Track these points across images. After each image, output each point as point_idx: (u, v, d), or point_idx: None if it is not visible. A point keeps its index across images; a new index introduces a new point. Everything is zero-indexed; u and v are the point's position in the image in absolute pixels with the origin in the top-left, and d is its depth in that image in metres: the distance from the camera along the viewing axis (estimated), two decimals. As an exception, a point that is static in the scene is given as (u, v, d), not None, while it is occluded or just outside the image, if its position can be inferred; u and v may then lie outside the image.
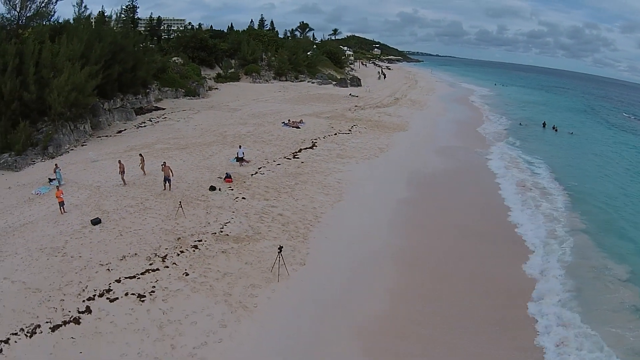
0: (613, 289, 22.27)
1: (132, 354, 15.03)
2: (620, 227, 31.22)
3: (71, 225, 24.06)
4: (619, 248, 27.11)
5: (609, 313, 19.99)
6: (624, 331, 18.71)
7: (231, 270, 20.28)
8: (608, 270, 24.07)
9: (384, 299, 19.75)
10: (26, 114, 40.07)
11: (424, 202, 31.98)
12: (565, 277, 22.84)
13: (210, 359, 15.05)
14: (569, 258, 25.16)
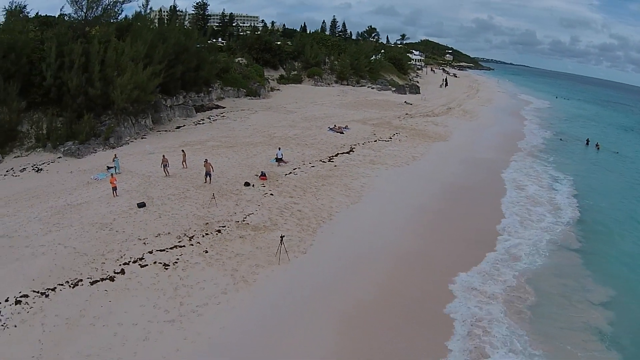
0: (580, 308, 23.58)
1: (149, 305, 19.44)
2: (618, 253, 31.79)
3: (120, 207, 29.08)
4: (607, 273, 28.01)
5: (565, 330, 21.44)
6: (575, 349, 20.12)
7: (243, 252, 24.42)
8: (585, 292, 25.31)
9: (370, 290, 22.82)
10: (91, 107, 45.89)
11: (434, 210, 34.26)
12: (526, 289, 24.72)
13: (206, 315, 19.19)
14: (541, 271, 27.03)
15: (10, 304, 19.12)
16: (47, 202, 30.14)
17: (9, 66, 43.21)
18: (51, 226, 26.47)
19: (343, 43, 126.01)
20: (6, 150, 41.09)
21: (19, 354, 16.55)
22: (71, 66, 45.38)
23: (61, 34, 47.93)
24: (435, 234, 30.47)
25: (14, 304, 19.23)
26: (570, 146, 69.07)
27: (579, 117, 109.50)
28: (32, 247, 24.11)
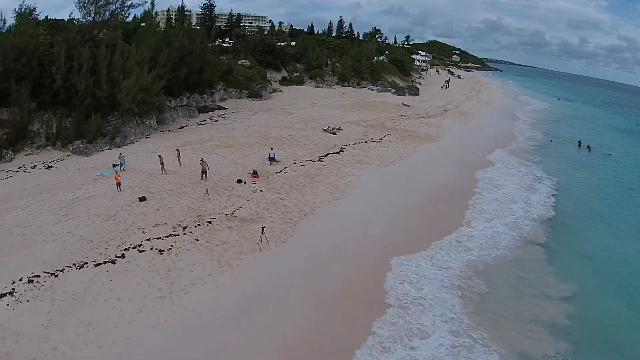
0: (532, 301, 25.30)
1: (144, 284, 22.47)
2: (585, 252, 33.29)
3: (123, 201, 32.20)
4: (571, 270, 29.64)
5: (511, 320, 23.33)
6: (521, 337, 21.94)
7: (229, 241, 27.40)
8: (544, 286, 26.96)
9: (340, 279, 25.53)
10: (98, 108, 48.90)
11: (409, 206, 36.71)
12: (476, 279, 27.02)
13: (193, 292, 22.22)
14: (496, 263, 29.37)
15: (24, 283, 22.13)
16: (56, 196, 33.16)
17: (20, 69, 46.18)
18: (60, 217, 29.49)
19: (345, 45, 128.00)
20: (18, 148, 44.03)
21: (31, 323, 19.47)
22: (80, 69, 48.33)
23: (70, 38, 50.68)
24: (403, 228, 32.92)
25: (27, 282, 22.24)
26: (561, 148, 70.86)
27: (576, 119, 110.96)
28: (43, 235, 27.13)
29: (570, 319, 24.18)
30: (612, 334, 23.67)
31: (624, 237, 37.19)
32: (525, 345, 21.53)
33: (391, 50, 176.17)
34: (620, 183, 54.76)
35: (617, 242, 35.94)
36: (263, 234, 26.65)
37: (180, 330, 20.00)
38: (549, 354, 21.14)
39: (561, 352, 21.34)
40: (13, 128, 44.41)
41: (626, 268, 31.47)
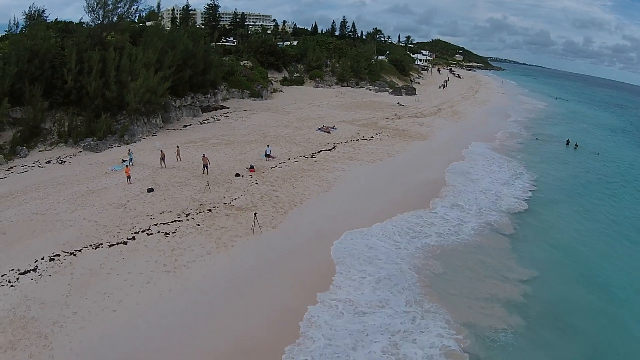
0: (491, 282, 28.28)
1: (152, 261, 26.08)
2: (552, 242, 35.99)
3: (133, 192, 35.87)
4: (534, 257, 32.47)
5: (465, 297, 26.47)
6: (474, 311, 24.96)
7: (226, 226, 31.08)
8: (505, 270, 30.03)
9: (322, 261, 29.01)
10: (107, 107, 52.29)
11: (389, 200, 40.02)
12: (433, 261, 30.34)
13: (194, 268, 25.88)
14: (456, 247, 32.78)
15: (46, 261, 25.71)
16: (71, 188, 36.69)
17: (33, 70, 49.38)
18: (76, 206, 33.10)
19: (344, 46, 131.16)
20: (31, 145, 47.09)
21: (53, 293, 22.98)
22: (90, 71, 51.61)
23: (81, 42, 54.02)
24: (378, 215, 36.49)
25: (49, 260, 25.82)
26: (548, 146, 73.96)
27: (569, 119, 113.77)
28: (62, 221, 30.71)
29: (526, 298, 27.29)
30: (568, 315, 26.57)
31: (596, 231, 40.14)
32: (475, 317, 24.74)
33: (392, 50, 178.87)
34: (602, 179, 57.79)
35: (588, 235, 38.87)
36: (255, 219, 30.35)
37: (182, 297, 23.63)
38: (499, 327, 24.21)
39: (513, 326, 24.39)
40: (27, 126, 47.48)
41: (592, 257, 34.56)
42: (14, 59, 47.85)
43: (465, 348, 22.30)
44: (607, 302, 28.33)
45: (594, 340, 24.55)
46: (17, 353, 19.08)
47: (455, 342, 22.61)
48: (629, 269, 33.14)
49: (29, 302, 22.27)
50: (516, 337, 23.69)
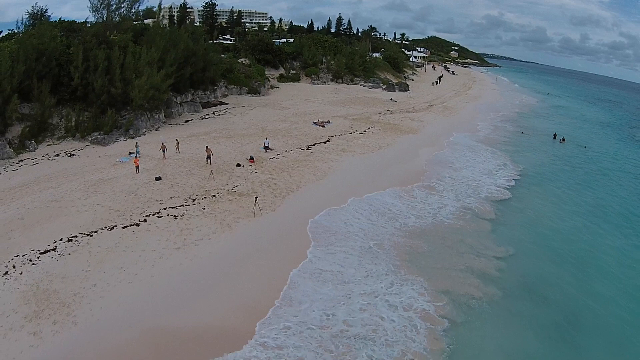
0: (468, 257, 31.31)
1: (163, 240, 28.95)
2: (529, 227, 38.60)
3: (142, 180, 38.70)
4: (510, 238, 35.25)
5: (440, 269, 29.48)
6: (447, 279, 27.99)
7: (229, 209, 34.02)
8: (481, 248, 32.95)
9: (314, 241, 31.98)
10: (113, 104, 54.93)
11: (375, 186, 43.30)
12: (416, 239, 33.54)
13: (201, 245, 28.79)
14: (432, 228, 35.76)
15: (64, 242, 28.43)
16: (83, 178, 39.39)
17: (41, 68, 51.93)
18: (90, 193, 35.86)
19: (339, 44, 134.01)
20: (39, 140, 49.46)
21: (73, 269, 25.69)
22: (95, 69, 54.32)
23: (87, 41, 56.74)
24: (364, 200, 39.90)
25: (67, 241, 28.55)
26: (535, 139, 76.79)
27: (559, 114, 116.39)
28: (77, 207, 33.46)
29: (501, 272, 30.29)
30: (540, 287, 29.44)
31: (573, 216, 42.96)
32: (452, 286, 27.72)
33: (386, 47, 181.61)
34: (585, 171, 60.76)
35: (565, 220, 41.75)
36: (256, 203, 33.38)
37: (191, 270, 26.53)
38: (475, 296, 27.15)
39: (488, 296, 27.29)
40: (35, 121, 49.80)
41: (567, 239, 37.36)
42: (22, 57, 50.15)
43: (441, 313, 25.21)
44: (577, 277, 31.26)
45: (563, 309, 27.19)
46: (42, 321, 21.63)
47: (432, 307, 25.63)
48: (599, 248, 36.27)
49: (50, 277, 24.92)
50: (491, 305, 26.52)
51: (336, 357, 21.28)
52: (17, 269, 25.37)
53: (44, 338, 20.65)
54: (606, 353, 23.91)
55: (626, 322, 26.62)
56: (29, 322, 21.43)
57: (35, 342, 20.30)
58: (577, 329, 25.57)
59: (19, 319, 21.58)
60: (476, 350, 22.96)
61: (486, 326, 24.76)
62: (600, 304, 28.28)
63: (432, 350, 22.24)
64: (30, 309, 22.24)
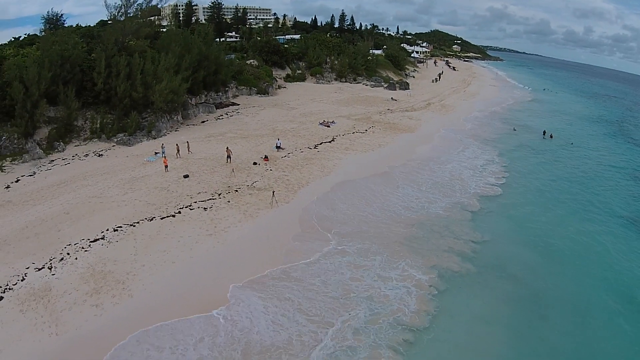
0: (449, 239, 36.58)
1: (197, 228, 34.36)
2: (509, 217, 43.03)
3: (171, 178, 44.03)
4: (489, 227, 39.75)
5: (430, 250, 34.93)
6: (436, 258, 33.32)
7: (250, 202, 39.45)
8: (462, 233, 37.85)
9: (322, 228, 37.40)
10: (134, 107, 59.69)
11: (373, 182, 48.56)
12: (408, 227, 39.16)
13: (229, 231, 34.25)
14: (425, 218, 41.08)
15: (111, 232, 33.76)
16: (117, 176, 44.54)
17: (65, 74, 56.42)
18: (126, 190, 41.12)
19: (342, 44, 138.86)
20: (66, 141, 53.95)
21: (123, 254, 30.86)
22: (117, 75, 59.10)
23: (108, 48, 61.53)
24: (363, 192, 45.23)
25: (114, 231, 33.89)
26: (524, 136, 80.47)
27: (551, 110, 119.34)
28: (117, 202, 38.73)
29: (477, 253, 35.42)
30: (510, 266, 34.06)
31: (552, 208, 46.83)
32: (437, 262, 33.48)
33: (388, 45, 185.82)
34: (568, 166, 64.66)
35: (544, 211, 45.65)
36: (273, 196, 38.82)
37: (222, 252, 32.05)
38: (454, 269, 32.84)
39: (465, 269, 33.02)
40: (61, 124, 54.26)
41: (542, 228, 41.50)
42: (47, 64, 54.36)
43: (429, 281, 30.99)
44: (544, 259, 36.01)
45: (528, 284, 31.94)
46: (102, 295, 26.68)
47: (422, 276, 31.54)
48: (568, 235, 40.58)
49: (103, 260, 30.01)
50: (467, 278, 32.06)
51: (341, 303, 27.68)
52: (71, 256, 30.35)
53: (106, 308, 25.66)
54: (564, 321, 28.47)
55: (583, 295, 31.47)
56: (90, 297, 26.33)
57: (98, 312, 25.30)
58: (539, 301, 30.30)
59: (81, 295, 26.49)
60: (455, 312, 28.49)
61: (463, 294, 30.37)
62: (561, 281, 32.95)
63: (422, 310, 28.00)
64: (90, 287, 27.16)
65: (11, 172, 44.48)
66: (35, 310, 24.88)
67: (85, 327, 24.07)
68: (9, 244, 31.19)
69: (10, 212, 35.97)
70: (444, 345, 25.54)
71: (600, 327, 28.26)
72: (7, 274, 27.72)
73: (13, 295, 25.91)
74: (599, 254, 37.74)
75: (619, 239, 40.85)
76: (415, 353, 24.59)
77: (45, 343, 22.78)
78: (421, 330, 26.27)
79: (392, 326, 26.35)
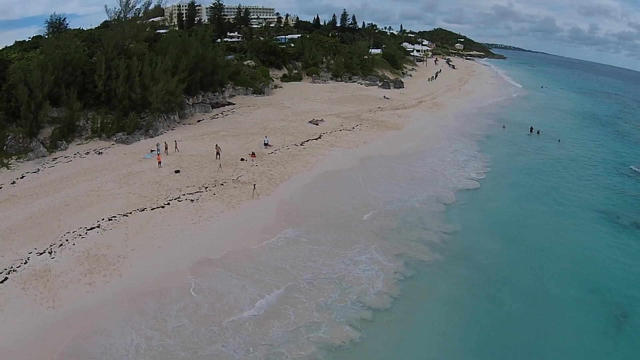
0: (419, 231, 39.15)
1: (183, 217, 37.69)
2: (486, 209, 45.78)
3: (164, 173, 47.41)
4: (463, 218, 42.59)
5: (398, 239, 37.95)
6: (404, 247, 36.33)
7: (234, 194, 42.77)
8: (432, 225, 40.51)
9: (297, 218, 40.80)
10: (133, 107, 62.94)
11: (350, 177, 51.60)
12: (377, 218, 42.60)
13: (212, 220, 37.57)
14: (396, 210, 44.40)
15: (106, 221, 37.14)
16: (114, 172, 47.92)
17: (68, 76, 59.65)
18: (122, 184, 44.52)
19: (339, 44, 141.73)
20: (69, 140, 57.12)
21: (115, 240, 34.14)
22: (117, 77, 62.29)
23: (108, 52, 64.78)
24: (343, 185, 48.42)
25: (108, 220, 37.28)
26: (512, 133, 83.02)
27: (545, 107, 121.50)
28: (113, 195, 42.14)
29: (445, 243, 38.22)
30: (474, 255, 36.81)
31: (526, 202, 49.28)
32: (407, 250, 36.30)
33: (387, 44, 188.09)
34: (550, 162, 67.00)
35: (517, 204, 48.37)
36: (254, 189, 42.12)
37: (206, 238, 35.41)
38: (422, 257, 35.64)
39: (432, 258, 35.82)
40: (64, 124, 57.41)
41: (512, 220, 44.25)
42: (50, 67, 57.60)
43: (395, 268, 33.94)
44: (507, 248, 38.71)
45: (489, 271, 34.65)
46: (94, 275, 29.99)
47: (390, 263, 34.54)
48: (543, 229, 42.99)
49: (98, 245, 33.37)
50: (433, 266, 34.91)
51: (313, 277, 31.37)
52: (70, 242, 33.76)
53: (97, 286, 28.98)
54: (517, 306, 30.78)
55: (541, 283, 33.73)
56: (84, 276, 29.68)
57: (90, 289, 28.64)
58: (497, 287, 32.91)
59: (76, 274, 29.82)
60: (417, 295, 31.41)
61: (427, 280, 33.29)
62: (523, 270, 35.44)
63: (385, 293, 30.95)
64: (84, 268, 30.50)
65: (17, 169, 47.86)
66: (35, 288, 28.18)
67: (78, 302, 27.38)
68: (14, 232, 34.64)
69: (15, 205, 39.42)
70: (401, 325, 28.39)
71: (553, 314, 30.13)
72: (12, 258, 31.12)
73: (16, 276, 29.26)
74: (566, 245, 39.72)
75: (589, 232, 42.83)
76: (374, 331, 27.48)
77: (43, 315, 26.10)
78: (382, 311, 29.24)
79: (355, 305, 29.42)
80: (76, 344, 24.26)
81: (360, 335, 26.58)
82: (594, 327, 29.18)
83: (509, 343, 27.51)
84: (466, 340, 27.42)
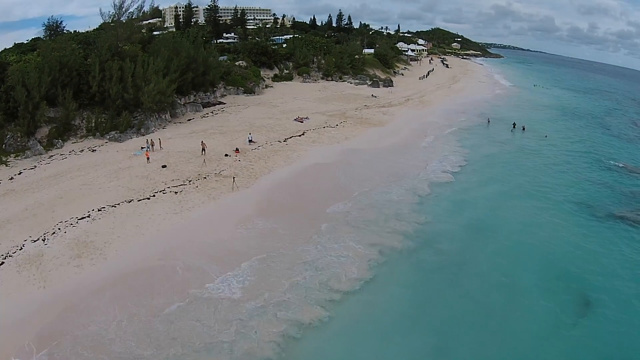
0: (393, 222, 40.75)
1: (166, 207, 40.56)
2: (460, 201, 47.37)
3: (152, 168, 50.15)
4: (436, 210, 44.38)
5: (373, 231, 40.62)
6: (378, 237, 38.77)
7: (216, 187, 45.64)
8: (406, 216, 42.32)
9: (274, 208, 43.73)
10: (126, 107, 65.62)
11: (332, 170, 54.48)
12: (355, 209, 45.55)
13: (193, 210, 40.37)
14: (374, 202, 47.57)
15: (95, 211, 39.99)
16: (106, 167, 50.72)
17: (64, 78, 62.31)
18: (112, 178, 47.42)
19: (330, 44, 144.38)
20: (65, 138, 59.66)
21: (103, 228, 36.96)
22: (111, 78, 65.12)
23: (102, 54, 67.69)
24: (321, 180, 51.29)
25: (98, 210, 40.18)
26: (496, 129, 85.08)
27: (536, 105, 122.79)
28: (103, 188, 44.99)
29: (417, 233, 40.31)
30: (442, 243, 38.60)
31: (501, 195, 50.37)
32: (379, 240, 38.67)
33: (380, 44, 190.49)
34: (531, 156, 68.83)
35: (491, 197, 49.43)
36: (234, 182, 45.18)
37: (186, 226, 38.31)
38: (394, 246, 38.10)
39: (406, 247, 38.17)
40: (60, 123, 59.98)
41: (484, 212, 45.39)
42: (47, 69, 60.23)
43: (367, 255, 36.39)
44: (474, 238, 40.01)
45: (454, 258, 36.38)
46: (82, 258, 32.74)
47: (364, 250, 37.03)
48: (514, 219, 44.55)
49: (87, 233, 36.16)
50: (405, 255, 37.00)
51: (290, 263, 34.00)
52: (62, 230, 36.61)
53: (84, 268, 31.84)
54: (474, 289, 32.38)
55: (504, 270, 34.95)
56: (73, 260, 32.50)
57: (78, 271, 31.51)
58: (461, 272, 34.83)
59: (66, 259, 32.60)
60: (391, 278, 33.99)
61: (397, 265, 35.87)
62: (488, 257, 36.86)
63: (355, 278, 33.33)
64: (74, 253, 33.30)
65: (15, 166, 50.51)
66: (29, 271, 31.09)
67: (67, 282, 30.27)
68: (11, 222, 37.50)
69: (13, 198, 42.27)
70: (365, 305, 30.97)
71: (513, 297, 31.67)
72: (8, 246, 33.95)
73: (12, 261, 32.15)
74: (536, 235, 41.12)
75: (561, 222, 44.13)
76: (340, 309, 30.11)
77: (35, 294, 29.00)
78: (350, 293, 31.82)
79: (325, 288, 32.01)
80: (60, 319, 27.22)
81: (328, 315, 29.22)
82: (554, 312, 30.08)
83: (462, 321, 29.47)
84: (421, 318, 29.87)
